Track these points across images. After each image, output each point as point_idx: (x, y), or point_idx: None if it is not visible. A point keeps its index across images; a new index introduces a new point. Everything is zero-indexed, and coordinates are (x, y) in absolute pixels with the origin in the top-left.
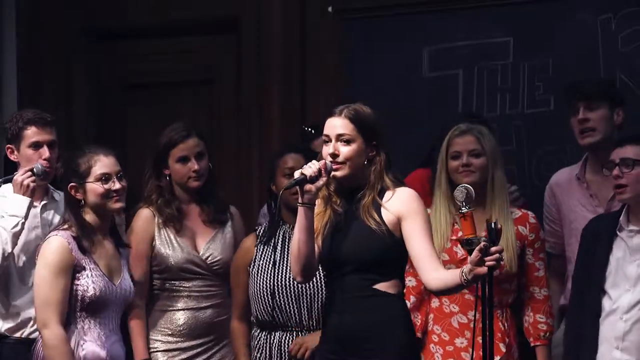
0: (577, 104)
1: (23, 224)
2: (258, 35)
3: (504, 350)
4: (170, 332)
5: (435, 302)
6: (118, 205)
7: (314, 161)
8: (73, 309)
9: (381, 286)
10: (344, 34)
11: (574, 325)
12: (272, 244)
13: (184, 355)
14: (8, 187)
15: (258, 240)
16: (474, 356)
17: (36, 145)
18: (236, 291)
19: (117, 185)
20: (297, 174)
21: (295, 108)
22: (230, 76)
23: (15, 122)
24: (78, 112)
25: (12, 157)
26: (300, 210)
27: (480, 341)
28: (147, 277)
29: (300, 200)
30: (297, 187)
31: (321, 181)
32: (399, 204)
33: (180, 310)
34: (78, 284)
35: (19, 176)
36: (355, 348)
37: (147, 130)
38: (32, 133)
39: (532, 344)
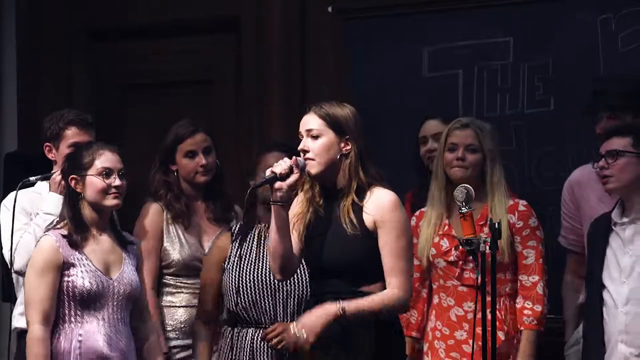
0: (601, 113)
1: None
2: (258, 35)
3: (502, 338)
4: (171, 329)
5: (435, 298)
6: (115, 202)
7: (285, 159)
8: (67, 306)
9: (365, 289)
10: (344, 34)
11: (585, 323)
12: (247, 242)
13: (184, 354)
14: (42, 184)
15: (233, 238)
16: (474, 348)
17: (76, 147)
18: (207, 288)
19: (118, 182)
20: (267, 172)
21: (295, 108)
22: (230, 76)
23: (55, 121)
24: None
25: (50, 156)
26: (273, 209)
27: (479, 331)
28: (157, 271)
29: (272, 198)
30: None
31: (292, 178)
32: (375, 210)
33: (182, 307)
34: (68, 281)
35: (57, 175)
36: (331, 351)
37: (147, 130)
38: (72, 134)
39: (520, 329)
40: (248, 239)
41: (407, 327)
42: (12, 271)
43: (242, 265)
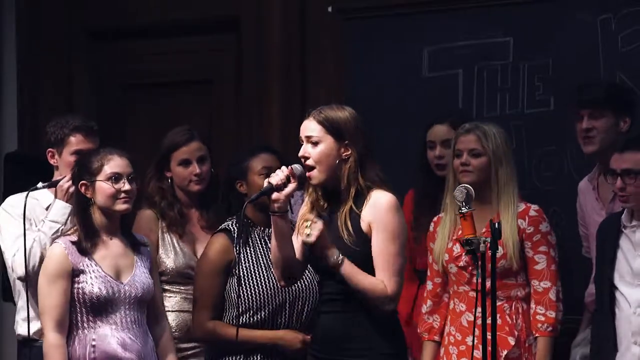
0: (580, 111)
1: (63, 230)
2: (258, 35)
3: (512, 343)
4: None
5: (451, 304)
6: (124, 206)
7: (283, 167)
8: (79, 312)
9: None
10: (344, 34)
11: (596, 325)
12: (251, 246)
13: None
14: (40, 190)
15: (235, 242)
16: (473, 345)
17: (80, 154)
18: (208, 292)
19: (127, 187)
20: (265, 184)
21: (295, 108)
22: (230, 76)
23: (60, 127)
24: (78, 112)
25: (52, 161)
26: (272, 219)
27: (489, 337)
28: (157, 277)
29: (270, 209)
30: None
31: (290, 187)
32: (370, 213)
33: (174, 311)
34: (78, 288)
35: (64, 182)
36: (335, 349)
37: (147, 130)
38: (77, 140)
39: (534, 335)
40: (251, 243)
41: (429, 332)
42: (15, 277)
43: (260, 273)
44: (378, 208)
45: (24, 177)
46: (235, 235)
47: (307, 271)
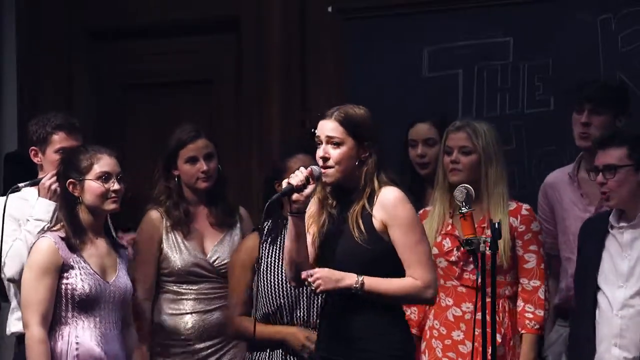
0: (583, 104)
1: (49, 228)
2: (258, 35)
3: (499, 340)
4: (178, 336)
5: None
6: (113, 206)
7: (301, 168)
8: (65, 308)
9: None
10: (344, 34)
11: (575, 324)
12: (278, 243)
13: (193, 359)
14: (28, 190)
15: (263, 239)
16: (473, 347)
17: (63, 152)
18: (238, 289)
19: (116, 186)
20: (284, 184)
21: (295, 108)
22: (230, 76)
23: (42, 125)
24: (78, 112)
25: (36, 160)
26: (291, 219)
27: (477, 332)
28: (154, 279)
29: (289, 210)
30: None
31: (309, 188)
32: (381, 211)
33: (188, 313)
34: (67, 283)
35: (46, 180)
36: (340, 349)
37: (147, 130)
38: (60, 138)
39: (520, 332)
40: (279, 240)
41: None
42: (4, 279)
43: (280, 269)
44: (387, 204)
45: (24, 177)
46: (265, 233)
47: None
